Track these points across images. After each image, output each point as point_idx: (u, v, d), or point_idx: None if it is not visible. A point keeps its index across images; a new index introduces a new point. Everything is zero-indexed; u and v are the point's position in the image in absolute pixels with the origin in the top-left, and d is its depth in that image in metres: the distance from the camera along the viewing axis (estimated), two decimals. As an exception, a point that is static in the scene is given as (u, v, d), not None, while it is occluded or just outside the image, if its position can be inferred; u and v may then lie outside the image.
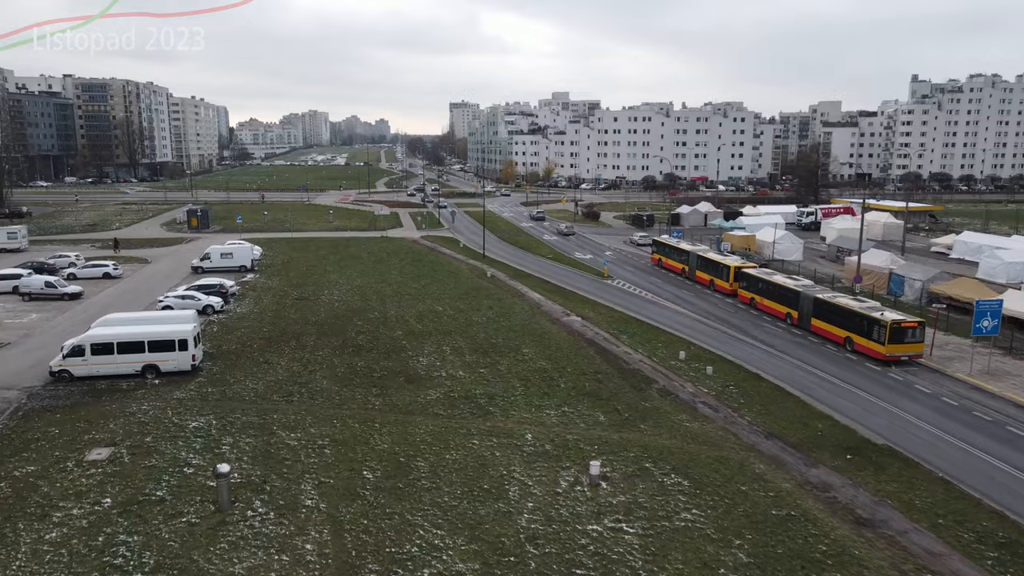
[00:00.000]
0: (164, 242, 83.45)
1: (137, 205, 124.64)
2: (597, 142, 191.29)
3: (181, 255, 73.83)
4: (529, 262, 74.59)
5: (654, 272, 70.29)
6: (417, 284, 60.53)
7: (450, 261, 73.49)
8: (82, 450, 27.71)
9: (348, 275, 64.04)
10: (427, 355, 40.70)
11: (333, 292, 56.77)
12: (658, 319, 51.01)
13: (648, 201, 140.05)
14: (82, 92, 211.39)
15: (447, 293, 57.16)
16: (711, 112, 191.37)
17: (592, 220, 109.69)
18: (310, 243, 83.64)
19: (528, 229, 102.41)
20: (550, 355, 40.99)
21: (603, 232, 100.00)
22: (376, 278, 62.86)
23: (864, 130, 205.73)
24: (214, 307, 49.38)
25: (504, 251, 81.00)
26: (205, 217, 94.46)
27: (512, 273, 67.05)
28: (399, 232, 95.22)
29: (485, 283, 61.97)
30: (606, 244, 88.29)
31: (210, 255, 64.35)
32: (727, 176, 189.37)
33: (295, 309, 50.96)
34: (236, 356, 39.90)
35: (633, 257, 79.47)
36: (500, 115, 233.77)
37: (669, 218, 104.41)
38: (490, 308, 52.02)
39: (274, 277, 62.91)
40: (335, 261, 71.61)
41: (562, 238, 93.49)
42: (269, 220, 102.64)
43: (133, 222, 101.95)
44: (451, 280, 62.82)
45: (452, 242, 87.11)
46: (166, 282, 60.33)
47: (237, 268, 64.60)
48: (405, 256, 75.31)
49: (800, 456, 28.79)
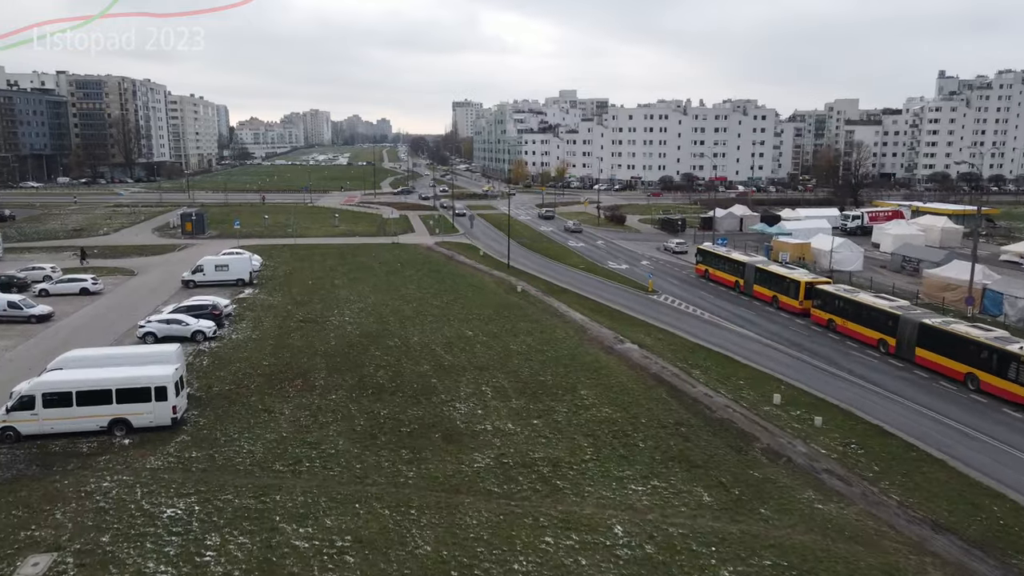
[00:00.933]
0: (154, 249, 75.83)
1: (129, 207, 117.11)
2: (611, 141, 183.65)
3: (172, 265, 66.25)
4: (559, 273, 66.99)
5: (701, 285, 62.66)
6: (439, 301, 52.94)
7: (472, 272, 65.89)
8: (12, 559, 20.11)
9: (359, 290, 56.48)
10: (464, 399, 33.13)
11: (344, 312, 49.18)
12: (727, 346, 43.37)
13: (672, 203, 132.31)
14: (76, 89, 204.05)
15: (475, 313, 49.58)
16: (730, 110, 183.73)
17: (616, 224, 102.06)
18: (315, 251, 76.08)
19: (549, 234, 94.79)
20: (615, 398, 33.40)
21: (631, 237, 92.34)
22: (391, 293, 55.28)
23: (888, 128, 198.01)
24: (205, 333, 41.81)
25: (529, 260, 73.40)
26: (200, 222, 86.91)
27: (544, 287, 59.44)
28: (411, 238, 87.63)
29: (516, 299, 54.38)
30: (639, 252, 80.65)
31: (203, 267, 56.78)
32: (747, 176, 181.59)
33: (300, 334, 43.36)
34: (229, 401, 32.29)
35: (672, 267, 71.84)
36: (508, 113, 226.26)
37: (701, 222, 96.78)
38: (528, 333, 44.43)
39: (275, 292, 55.34)
40: (344, 272, 64.04)
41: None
42: (270, 224, 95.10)
43: (123, 226, 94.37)
44: (477, 296, 55.24)
45: (471, 250, 79.51)
46: (152, 299, 52.77)
47: (234, 282, 57.05)
48: (421, 266, 67.71)
49: (993, 563, 21.19)
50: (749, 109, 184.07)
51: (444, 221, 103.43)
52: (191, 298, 48.06)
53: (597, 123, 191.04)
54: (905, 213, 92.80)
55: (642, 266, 71.42)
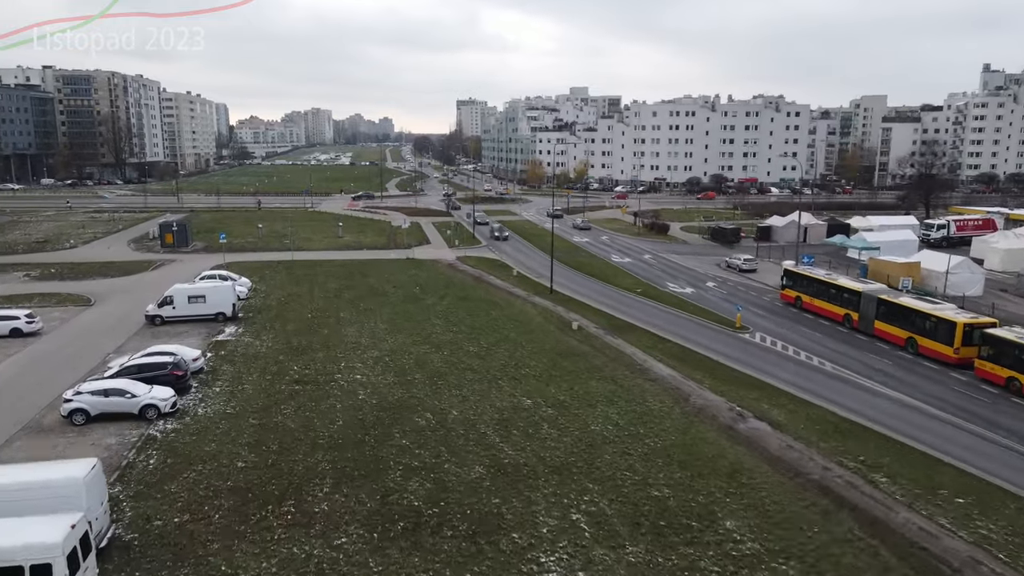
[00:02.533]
0: (125, 268, 63.61)
1: (110, 213, 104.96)
2: (633, 139, 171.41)
3: (142, 290, 54.11)
4: (614, 300, 54.78)
5: (794, 317, 50.37)
6: (476, 346, 40.71)
7: (508, 298, 53.68)
8: None
9: (372, 327, 44.28)
10: (549, 542, 20.91)
11: (354, 364, 36.98)
12: (885, 420, 31.04)
13: (710, 208, 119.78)
14: (63, 85, 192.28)
15: (527, 364, 37.37)
16: (761, 106, 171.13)
17: (658, 234, 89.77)
18: (316, 268, 63.91)
19: (585, 245, 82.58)
20: (782, 540, 21.19)
21: (680, 250, 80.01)
22: (414, 333, 43.07)
23: (927, 126, 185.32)
24: (159, 408, 29.63)
25: (571, 281, 61.12)
26: (183, 233, 74.77)
27: (604, 321, 47.18)
28: (428, 251, 75.39)
29: (575, 341, 42.13)
30: (697, 269, 68.33)
31: (173, 299, 44.55)
32: (779, 178, 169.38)
33: (294, 407, 31.14)
34: (175, 555, 20.07)
35: (745, 290, 59.56)
36: (521, 110, 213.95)
37: (758, 232, 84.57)
38: (609, 400, 32.22)
39: (265, 331, 43.13)
40: (351, 300, 51.86)
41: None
42: (264, 234, 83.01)
43: (96, 237, 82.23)
44: (522, 335, 43.01)
45: (500, 267, 67.33)
46: (103, 343, 40.62)
47: (212, 316, 44.93)
48: (445, 290, 55.51)
49: None
50: (781, 105, 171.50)
51: (461, 229, 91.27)
52: (149, 348, 35.85)
53: (617, 121, 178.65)
54: (997, 221, 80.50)
55: (709, 289, 59.19)
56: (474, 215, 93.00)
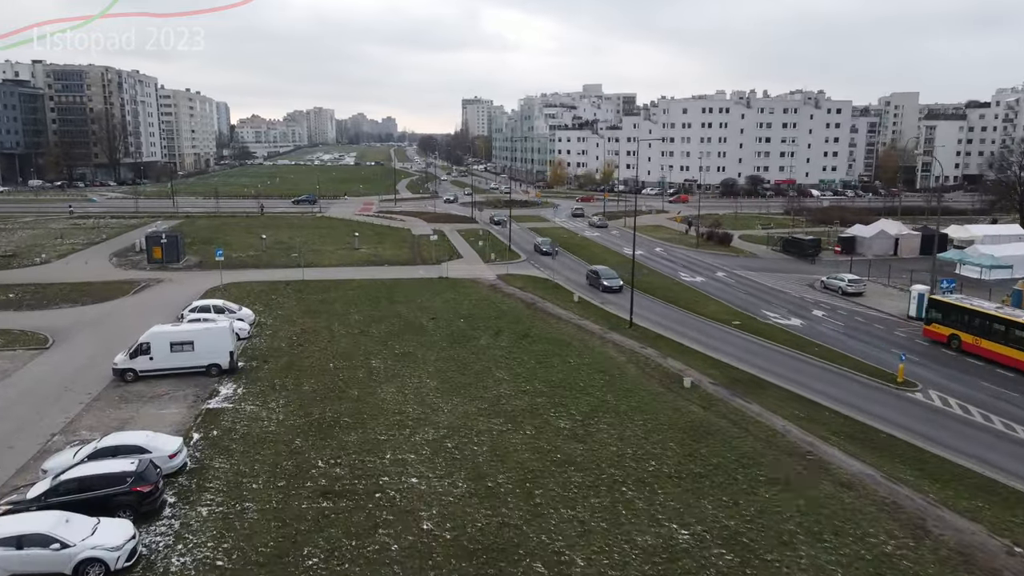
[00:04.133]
0: (101, 291, 52.26)
1: (95, 219, 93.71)
2: (662, 138, 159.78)
3: (116, 324, 42.87)
4: (709, 335, 43.42)
5: (954, 362, 38.95)
6: (567, 417, 29.26)
7: (580, 335, 42.20)
8: None
9: (416, 385, 32.92)
10: None
11: (404, 455, 25.56)
12: None
13: (759, 213, 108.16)
14: (54, 81, 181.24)
15: (653, 453, 25.97)
16: (800, 102, 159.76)
17: (719, 245, 78.31)
18: (332, 291, 52.60)
19: (642, 260, 71.16)
20: None
21: (753, 266, 68.57)
22: (475, 394, 31.71)
23: (974, 124, 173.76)
24: (107, 565, 18.25)
25: (643, 306, 49.46)
26: (173, 246, 63.41)
27: (717, 372, 35.76)
28: (461, 267, 63.99)
29: (696, 409, 30.64)
30: (787, 291, 56.99)
31: (150, 346, 33.13)
32: (818, 179, 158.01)
33: (323, 553, 19.67)
34: None
35: (861, 319, 48.12)
36: (537, 108, 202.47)
37: (840, 244, 73.20)
38: (812, 534, 20.82)
39: (273, 395, 31.71)
40: (381, 339, 40.49)
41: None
42: (268, 246, 71.72)
43: (73, 249, 70.91)
44: (622, 398, 31.59)
45: (552, 289, 55.96)
46: (46, 415, 29.24)
47: (204, 369, 33.63)
48: (497, 323, 44.08)
49: None
50: (821, 101, 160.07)
51: (491, 239, 79.90)
52: (103, 440, 24.41)
53: (644, 118, 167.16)
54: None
55: (818, 319, 47.82)
56: (509, 224, 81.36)
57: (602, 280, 56.85)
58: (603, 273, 57.98)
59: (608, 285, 56.11)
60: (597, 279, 57.53)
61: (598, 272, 58.50)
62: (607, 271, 58.46)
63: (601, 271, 58.53)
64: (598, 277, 57.64)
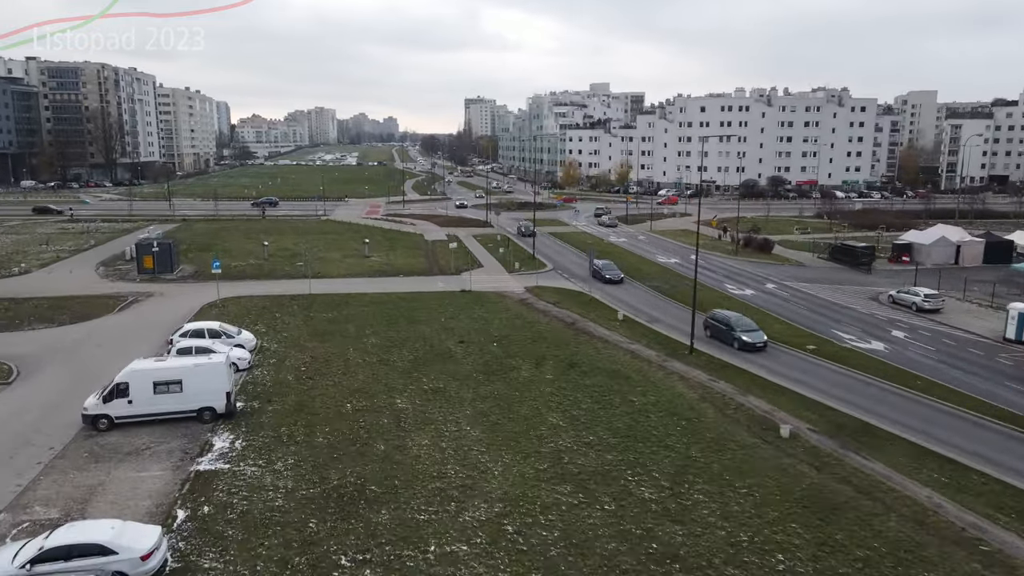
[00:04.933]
0: (82, 307, 46.16)
1: (84, 223, 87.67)
2: (677, 138, 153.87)
3: (95, 350, 36.86)
4: (775, 358, 37.30)
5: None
6: (650, 482, 23.15)
7: (636, 363, 36.01)
8: None
9: (455, 434, 26.86)
10: None
11: (452, 544, 19.44)
12: None
13: (796, 217, 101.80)
14: (48, 78, 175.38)
15: (773, 540, 19.92)
16: (823, 100, 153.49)
17: (759, 252, 72.21)
18: (344, 308, 46.51)
19: (674, 266, 65.18)
20: None
21: (802, 276, 62.42)
22: (527, 448, 25.62)
23: (1001, 122, 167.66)
24: None
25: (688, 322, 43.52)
26: (166, 255, 57.32)
27: (811, 412, 29.72)
28: (484, 278, 57.93)
29: (807, 470, 24.57)
30: (854, 306, 50.89)
31: (129, 387, 27.08)
32: (841, 179, 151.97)
33: None
34: None
35: (951, 342, 41.99)
36: (547, 106, 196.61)
37: (894, 252, 67.12)
38: None
39: (279, 452, 25.59)
40: (405, 370, 34.41)
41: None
42: (270, 253, 65.70)
43: (58, 257, 64.83)
44: (709, 452, 25.53)
45: (591, 304, 49.85)
46: (-1, 480, 23.30)
47: (195, 413, 27.60)
48: (535, 347, 37.98)
49: None
50: (845, 99, 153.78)
51: (510, 244, 73.77)
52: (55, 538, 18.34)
53: (659, 117, 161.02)
54: None
55: (901, 341, 41.74)
56: (533, 231, 75.19)
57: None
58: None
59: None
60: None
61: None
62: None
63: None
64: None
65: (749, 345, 39.15)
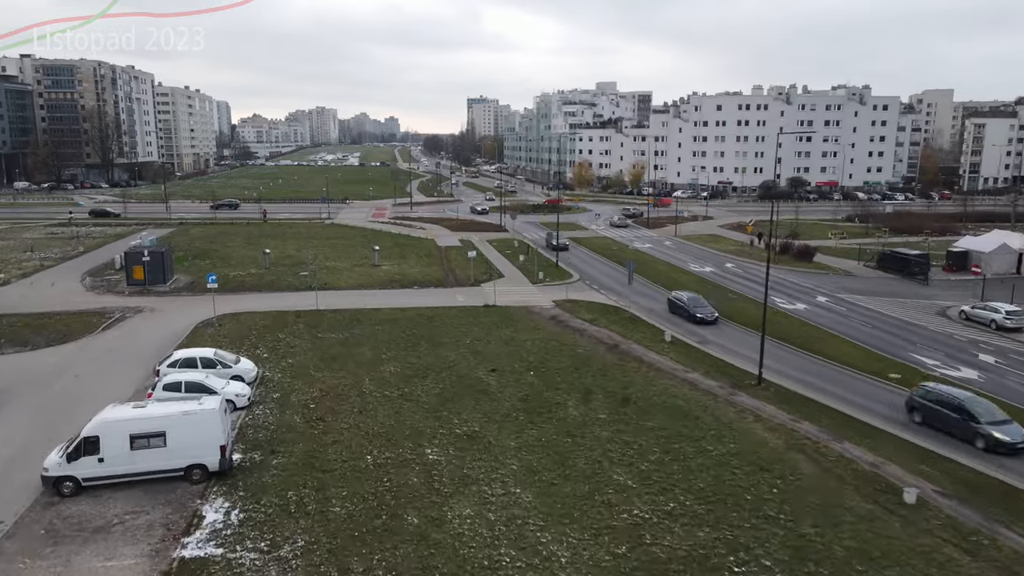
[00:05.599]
0: (61, 326, 40.99)
1: (76, 228, 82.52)
2: (692, 137, 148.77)
3: (70, 384, 31.71)
4: (857, 390, 32.12)
5: None
6: (763, 576, 18.19)
7: (697, 397, 30.78)
8: None
9: (502, 498, 21.63)
10: None
11: None
12: None
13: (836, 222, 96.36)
14: (43, 76, 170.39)
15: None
16: (844, 98, 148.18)
17: (799, 260, 66.90)
18: (356, 327, 41.32)
19: (712, 277, 60.02)
20: None
21: (852, 286, 57.22)
22: (599, 523, 20.40)
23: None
24: None
25: (746, 344, 38.05)
26: (158, 265, 52.10)
27: (939, 473, 24.52)
28: (507, 290, 52.70)
29: (945, 546, 19.49)
30: (922, 323, 45.74)
31: (100, 442, 21.94)
32: (862, 180, 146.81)
33: None
34: None
35: (1046, 368, 36.92)
36: (556, 105, 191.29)
37: (949, 260, 61.96)
38: None
39: (285, 527, 20.30)
40: (432, 406, 29.22)
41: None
42: (272, 261, 60.58)
43: (43, 266, 59.69)
44: (820, 521, 20.41)
45: (629, 322, 44.67)
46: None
47: (182, 472, 22.44)
48: (577, 376, 32.78)
49: None
50: (867, 97, 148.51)
51: (528, 250, 68.60)
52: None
53: (673, 116, 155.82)
54: None
55: (995, 368, 36.59)
56: (557, 241, 69.82)
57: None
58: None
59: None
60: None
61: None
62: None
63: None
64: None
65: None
